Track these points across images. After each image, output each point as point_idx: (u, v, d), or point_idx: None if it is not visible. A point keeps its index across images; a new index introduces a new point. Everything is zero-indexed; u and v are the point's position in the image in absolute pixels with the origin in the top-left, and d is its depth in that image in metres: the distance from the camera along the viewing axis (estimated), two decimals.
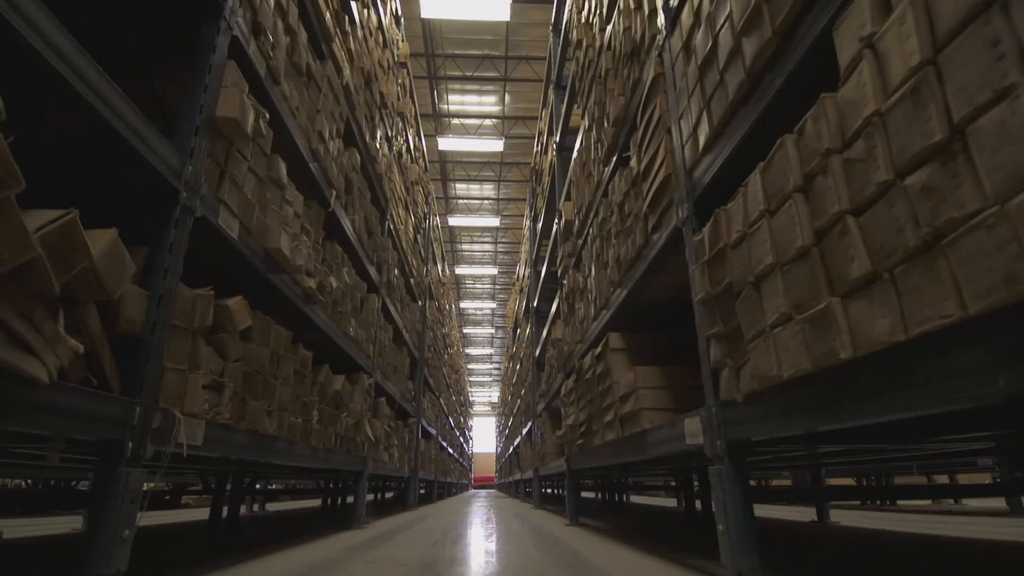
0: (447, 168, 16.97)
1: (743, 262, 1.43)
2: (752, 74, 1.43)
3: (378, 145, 4.80)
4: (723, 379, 1.61)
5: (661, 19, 2.15)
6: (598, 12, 3.43)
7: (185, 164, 1.76)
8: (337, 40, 3.47)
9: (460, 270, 21.18)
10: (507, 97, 13.89)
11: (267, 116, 2.30)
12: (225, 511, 4.21)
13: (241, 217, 2.13)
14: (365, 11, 4.39)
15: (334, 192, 3.41)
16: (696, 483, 4.69)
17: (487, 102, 14.25)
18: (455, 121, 14.91)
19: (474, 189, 18.44)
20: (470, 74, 12.88)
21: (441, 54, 12.34)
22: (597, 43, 3.47)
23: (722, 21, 1.57)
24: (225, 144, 2.04)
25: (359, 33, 4.11)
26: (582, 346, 3.93)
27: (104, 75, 1.40)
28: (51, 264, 1.17)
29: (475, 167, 17.11)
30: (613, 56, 2.99)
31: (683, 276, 2.02)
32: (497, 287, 25.27)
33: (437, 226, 10.77)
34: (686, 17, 1.87)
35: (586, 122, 3.83)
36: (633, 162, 2.58)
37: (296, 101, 2.75)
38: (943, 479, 8.19)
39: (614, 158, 3.01)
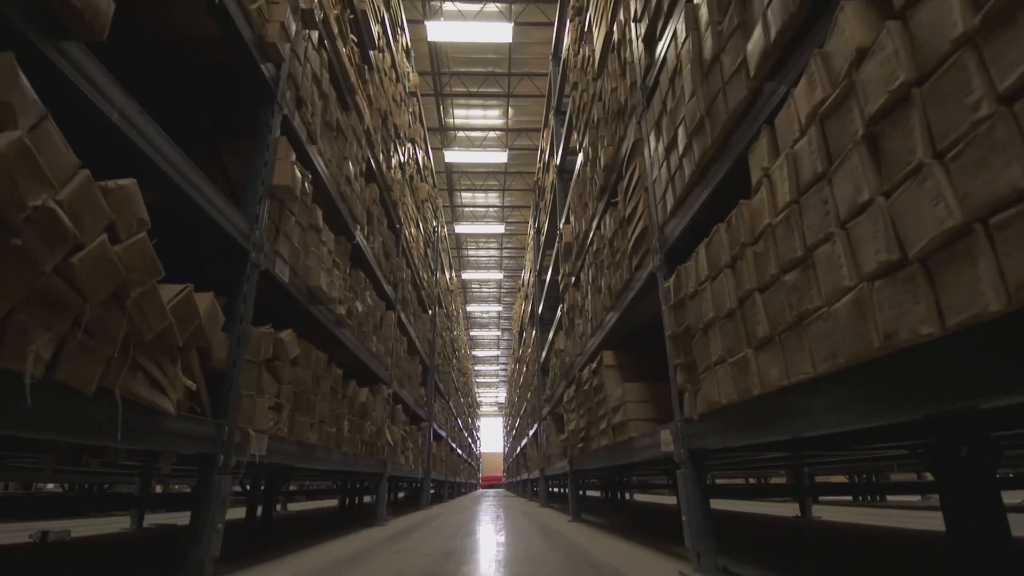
0: (453, 178, 17.45)
1: (696, 312, 1.84)
2: (701, 165, 1.84)
3: (393, 174, 5.23)
4: (686, 400, 2.02)
5: (639, 94, 2.56)
6: (591, 62, 3.84)
7: (253, 228, 2.19)
8: (359, 91, 3.90)
9: (467, 275, 21.63)
10: (510, 111, 14.35)
11: (311, 177, 2.73)
12: (259, 511, 4.65)
13: (291, 263, 2.56)
14: (380, 54, 4.82)
15: (359, 226, 3.83)
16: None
17: (491, 116, 14.71)
18: (460, 134, 15.39)
19: (479, 197, 18.89)
20: (475, 90, 13.34)
21: (447, 72, 12.80)
22: (591, 90, 3.87)
23: (680, 119, 1.98)
24: (278, 205, 2.47)
25: (376, 77, 4.54)
26: (581, 359, 4.34)
27: (189, 161, 1.81)
28: (176, 326, 1.60)
29: (480, 177, 17.57)
30: (604, 107, 3.40)
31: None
32: (503, 291, 25.70)
33: (445, 237, 11.20)
34: (656, 102, 2.28)
35: (581, 157, 4.24)
36: (620, 206, 2.99)
37: (328, 153, 3.18)
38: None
39: (605, 196, 3.42)
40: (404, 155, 5.97)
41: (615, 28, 3.07)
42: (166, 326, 1.54)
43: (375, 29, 4.40)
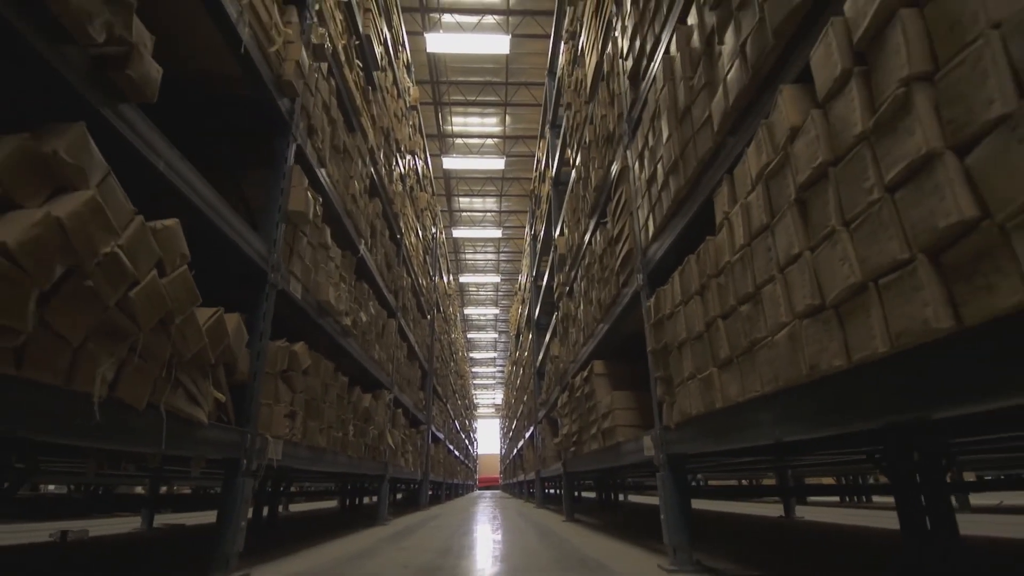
0: (451, 184, 17.66)
1: (672, 331, 2.05)
2: (676, 200, 2.05)
3: (394, 187, 5.43)
4: (664, 410, 2.23)
5: (626, 126, 2.77)
6: (583, 86, 4.06)
7: (271, 251, 2.39)
8: (364, 112, 4.10)
9: (464, 278, 21.82)
10: (508, 118, 14.58)
11: (321, 200, 2.94)
12: (264, 511, 4.85)
13: (303, 281, 2.77)
14: (383, 73, 5.02)
15: (363, 240, 4.04)
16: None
17: (489, 123, 14.94)
18: (458, 141, 15.61)
19: (477, 202, 19.11)
20: (472, 99, 13.56)
21: (445, 81, 13.02)
22: (583, 112, 4.09)
23: (659, 156, 2.19)
24: (292, 228, 2.68)
25: (379, 96, 4.74)
26: (574, 366, 4.55)
27: (220, 197, 2.02)
28: (210, 346, 1.80)
29: (478, 182, 17.80)
30: (594, 131, 3.61)
31: None
32: (500, 294, 25.91)
33: (443, 243, 11.40)
34: (640, 136, 2.49)
35: (574, 174, 4.46)
36: (609, 226, 3.20)
37: (336, 175, 3.38)
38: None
39: (596, 214, 3.63)
40: (404, 167, 6.18)
41: (604, 60, 3.29)
42: (202, 347, 1.75)
43: (378, 51, 4.60)
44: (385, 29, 5.07)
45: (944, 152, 0.83)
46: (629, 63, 2.68)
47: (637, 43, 2.54)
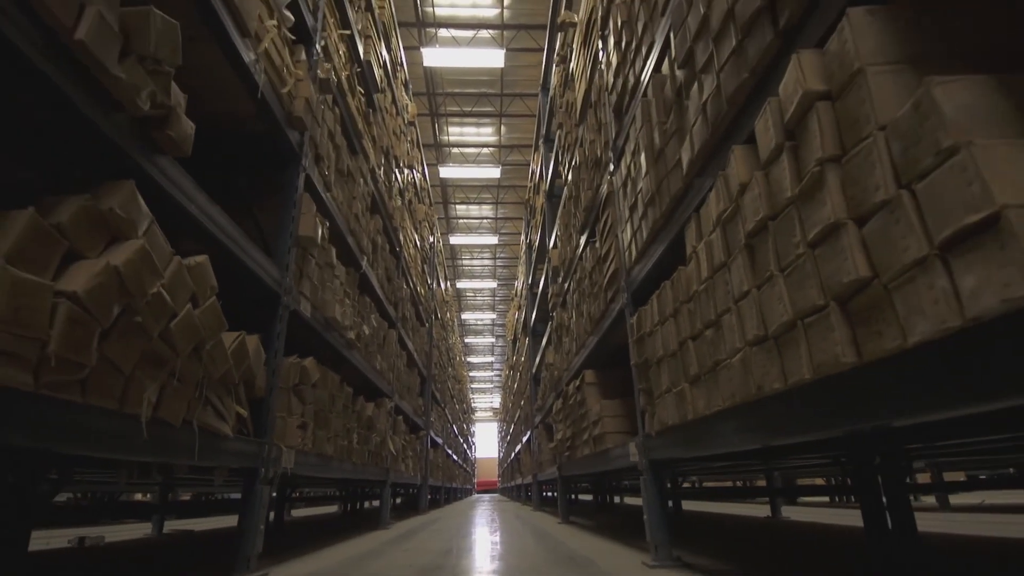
0: (448, 191, 17.89)
1: (652, 348, 2.26)
2: (654, 230, 2.26)
3: (394, 203, 5.64)
4: (646, 419, 2.43)
5: (611, 154, 2.99)
6: (573, 109, 4.27)
7: (284, 276, 2.59)
8: (365, 135, 4.31)
9: (461, 284, 22.02)
10: (503, 128, 14.83)
11: (328, 224, 3.14)
12: (270, 516, 5.03)
13: (312, 300, 2.96)
14: (382, 95, 5.23)
15: (365, 256, 4.24)
16: (667, 485, 5.50)
17: (484, 133, 15.19)
18: (455, 150, 15.85)
19: (473, 210, 19.33)
20: (468, 109, 13.80)
21: (441, 92, 13.26)
22: (574, 134, 4.30)
23: (639, 188, 2.40)
24: (301, 251, 2.88)
25: (379, 117, 4.95)
26: (567, 374, 4.76)
27: (241, 231, 2.21)
28: (234, 367, 2.00)
29: (474, 190, 18.02)
30: (584, 154, 3.83)
31: None
32: (497, 298, 26.11)
33: (440, 251, 11.60)
34: (623, 166, 2.70)
35: (566, 192, 4.67)
36: (597, 244, 3.41)
37: (340, 197, 3.58)
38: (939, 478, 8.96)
39: (586, 232, 3.84)
40: (403, 182, 6.38)
41: (592, 88, 3.50)
42: (228, 368, 1.95)
43: (378, 73, 4.81)
44: (384, 52, 5.28)
45: (847, 222, 1.04)
46: (614, 98, 2.90)
47: (620, 81, 2.75)
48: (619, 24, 2.75)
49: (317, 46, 3.12)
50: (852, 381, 1.06)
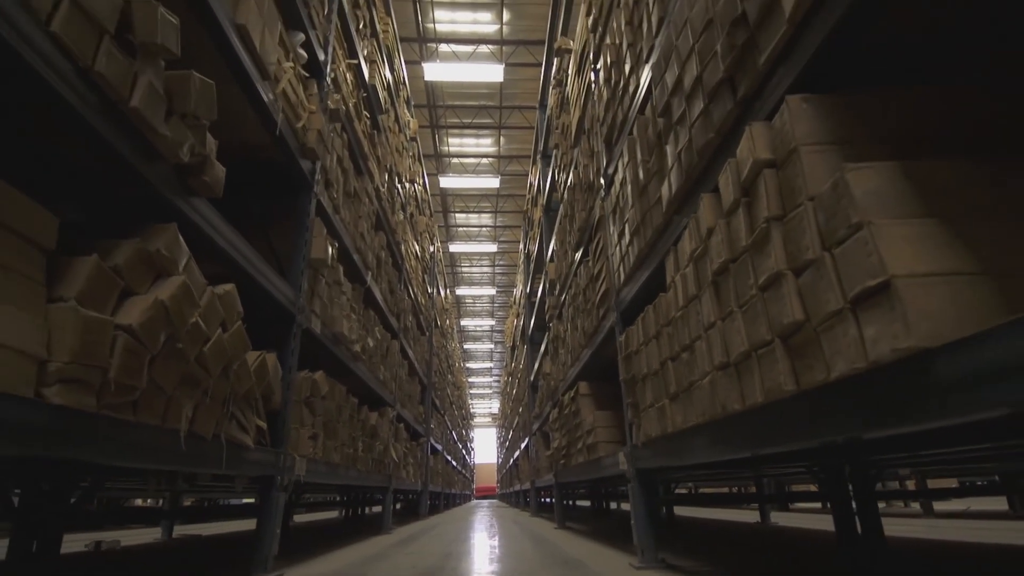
0: (448, 200, 18.14)
1: (638, 365, 2.46)
2: (640, 257, 2.47)
3: (396, 217, 5.84)
4: (634, 430, 2.63)
5: (602, 181, 3.19)
6: (568, 131, 4.48)
7: (298, 296, 2.79)
8: (371, 156, 4.52)
9: (461, 291, 22.23)
10: (502, 139, 15.10)
11: (337, 245, 3.34)
12: None
13: (322, 317, 3.16)
14: (386, 115, 5.45)
15: (370, 272, 4.44)
16: (660, 493, 5.68)
17: (484, 144, 15.46)
18: (455, 161, 16.11)
19: (473, 218, 19.58)
20: (468, 121, 14.07)
21: (442, 105, 13.52)
22: (569, 156, 4.51)
23: (627, 218, 2.61)
24: (313, 272, 3.07)
25: (383, 137, 5.16)
26: (563, 384, 4.95)
27: (263, 259, 2.41)
28: (256, 384, 2.20)
29: (473, 199, 18.28)
30: (578, 176, 4.04)
31: None
32: (495, 305, 26.31)
33: (440, 260, 11.81)
34: (613, 194, 2.91)
35: (562, 210, 4.88)
36: (590, 263, 3.61)
37: (347, 217, 3.79)
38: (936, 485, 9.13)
39: (580, 250, 4.05)
40: (405, 196, 6.59)
41: (586, 116, 3.71)
42: (251, 385, 2.14)
43: (382, 95, 5.03)
44: (388, 74, 5.50)
45: (787, 273, 1.24)
46: (605, 129, 3.11)
47: (610, 115, 2.96)
48: (609, 62, 2.96)
49: (328, 79, 3.33)
50: (793, 405, 1.25)
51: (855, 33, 1.20)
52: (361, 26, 4.34)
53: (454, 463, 14.60)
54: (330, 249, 3.16)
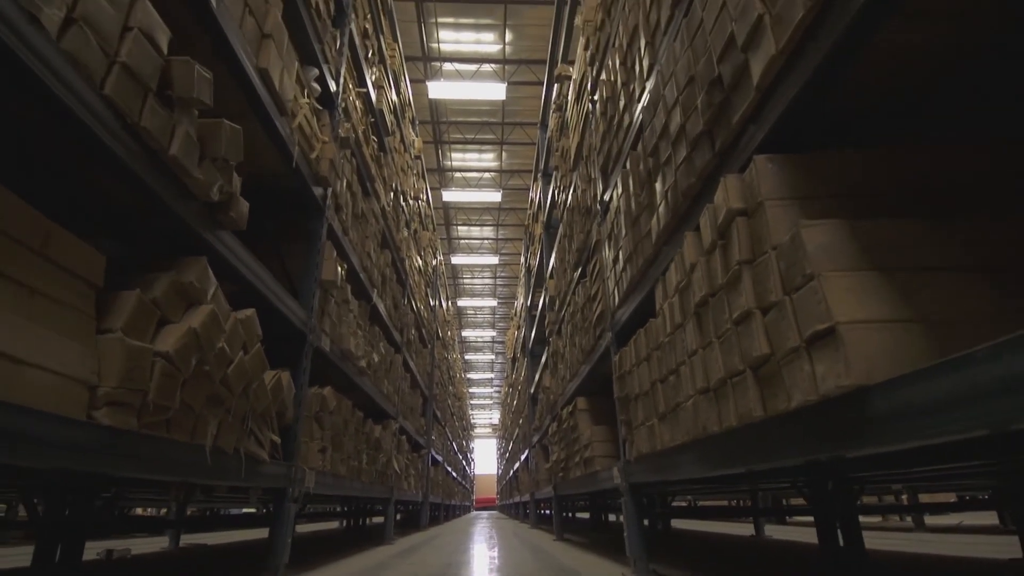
0: (450, 214, 18.39)
1: (631, 385, 2.61)
2: (632, 283, 2.62)
3: (401, 235, 6.02)
4: (627, 446, 2.77)
5: (599, 207, 3.36)
6: (568, 155, 4.66)
7: (309, 317, 2.95)
8: (377, 178, 4.70)
9: (462, 302, 22.40)
10: (504, 154, 15.38)
11: (346, 266, 3.50)
12: None
13: (331, 336, 3.32)
14: (392, 137, 5.64)
15: (375, 290, 4.60)
16: (657, 506, 5.79)
17: (486, 158, 15.75)
18: (457, 175, 16.39)
19: (475, 231, 19.81)
20: (471, 137, 14.34)
21: (445, 121, 13.81)
22: (568, 178, 4.69)
23: (620, 245, 2.77)
24: (323, 292, 3.24)
25: (389, 159, 5.35)
26: (562, 399, 5.09)
27: (279, 284, 2.57)
28: (272, 401, 2.35)
29: (476, 212, 18.54)
30: (577, 198, 4.21)
31: None
32: (497, 316, 26.46)
33: (443, 272, 11.98)
34: (608, 221, 3.07)
35: (562, 229, 5.05)
36: (588, 284, 3.77)
37: (355, 238, 3.95)
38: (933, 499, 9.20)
39: (579, 269, 4.21)
40: (409, 213, 6.77)
41: (584, 143, 3.89)
42: (267, 403, 2.30)
43: (389, 119, 5.22)
44: (394, 97, 5.70)
45: (756, 311, 1.40)
46: (601, 159, 3.28)
47: (606, 146, 3.14)
48: (604, 96, 3.14)
49: (339, 108, 3.51)
50: (761, 429, 1.41)
51: (815, 102, 1.36)
52: (370, 55, 4.54)
53: (454, 474, 14.66)
54: (340, 270, 3.33)
